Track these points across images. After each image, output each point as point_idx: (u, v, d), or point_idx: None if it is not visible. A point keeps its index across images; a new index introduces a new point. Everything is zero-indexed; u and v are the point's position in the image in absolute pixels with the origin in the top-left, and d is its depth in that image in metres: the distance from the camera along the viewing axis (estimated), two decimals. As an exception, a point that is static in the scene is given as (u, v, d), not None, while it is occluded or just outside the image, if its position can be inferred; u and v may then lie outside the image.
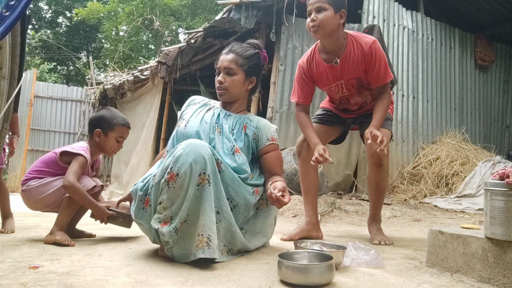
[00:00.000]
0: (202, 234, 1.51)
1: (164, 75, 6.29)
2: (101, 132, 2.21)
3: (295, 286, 1.29)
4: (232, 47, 1.92)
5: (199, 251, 1.49)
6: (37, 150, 9.14)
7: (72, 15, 14.71)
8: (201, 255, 1.49)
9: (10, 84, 1.52)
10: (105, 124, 2.21)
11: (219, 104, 1.97)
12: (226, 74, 1.87)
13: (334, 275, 1.34)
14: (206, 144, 1.60)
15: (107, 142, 2.23)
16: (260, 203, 1.83)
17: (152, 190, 1.61)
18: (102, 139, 2.22)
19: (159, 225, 1.54)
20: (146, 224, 1.65)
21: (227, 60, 1.87)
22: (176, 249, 1.54)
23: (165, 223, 1.54)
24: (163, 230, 1.52)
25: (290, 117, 4.61)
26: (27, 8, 1.25)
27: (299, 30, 4.67)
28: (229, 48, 1.93)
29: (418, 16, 5.66)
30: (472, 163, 4.99)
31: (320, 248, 1.65)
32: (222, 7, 5.44)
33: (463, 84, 6.13)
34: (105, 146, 2.24)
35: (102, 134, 2.21)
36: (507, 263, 1.33)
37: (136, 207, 1.67)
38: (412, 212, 3.88)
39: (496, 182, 1.37)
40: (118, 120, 2.24)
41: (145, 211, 1.64)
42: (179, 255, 1.55)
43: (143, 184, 1.67)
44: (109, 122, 2.22)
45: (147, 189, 1.64)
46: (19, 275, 1.34)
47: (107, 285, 1.24)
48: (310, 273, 1.29)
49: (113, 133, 2.22)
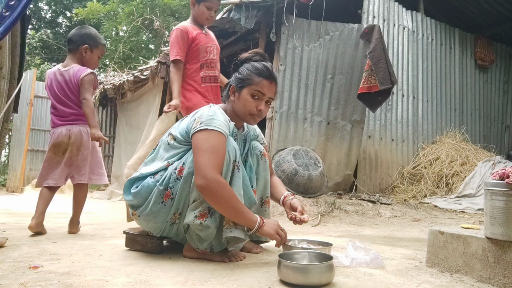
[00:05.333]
0: None
1: (164, 75, 6.29)
2: (88, 48, 2.45)
3: (295, 286, 1.29)
4: (274, 73, 1.77)
5: (226, 230, 1.59)
6: (37, 150, 9.14)
7: (72, 15, 14.70)
8: (228, 234, 1.58)
9: (10, 84, 1.52)
10: (92, 42, 2.47)
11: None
12: (266, 103, 1.75)
13: (334, 275, 1.35)
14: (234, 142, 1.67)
15: (92, 58, 2.50)
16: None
17: (176, 183, 1.61)
18: (88, 55, 2.46)
19: (198, 220, 1.56)
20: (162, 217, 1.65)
21: (273, 91, 1.74)
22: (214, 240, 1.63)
23: (203, 216, 1.57)
24: (208, 222, 1.57)
25: (290, 117, 4.61)
26: (27, 8, 1.25)
27: (299, 30, 4.67)
28: (272, 74, 1.75)
29: (418, 16, 5.66)
30: (472, 163, 4.99)
31: (307, 245, 1.67)
32: (222, 7, 5.44)
33: (463, 84, 6.13)
34: (90, 62, 2.49)
35: (88, 50, 2.46)
36: (507, 263, 1.33)
37: (154, 202, 1.64)
38: (412, 212, 3.88)
39: (496, 182, 1.37)
40: (101, 40, 2.54)
41: (164, 204, 1.63)
42: (217, 244, 1.64)
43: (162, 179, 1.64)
44: (95, 40, 2.49)
45: (168, 183, 1.62)
46: (19, 275, 1.34)
47: (107, 285, 1.24)
48: (310, 273, 1.29)
49: (97, 50, 2.50)
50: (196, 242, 1.64)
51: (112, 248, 1.89)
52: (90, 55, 2.47)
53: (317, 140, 4.62)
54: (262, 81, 1.70)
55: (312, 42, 4.70)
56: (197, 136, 1.57)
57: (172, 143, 1.70)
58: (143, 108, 7.48)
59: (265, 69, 1.72)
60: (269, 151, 4.43)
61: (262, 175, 1.84)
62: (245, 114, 1.73)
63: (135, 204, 1.69)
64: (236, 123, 1.78)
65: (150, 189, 1.65)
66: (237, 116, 1.77)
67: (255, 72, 1.71)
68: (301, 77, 4.67)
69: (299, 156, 4.12)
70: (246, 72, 1.72)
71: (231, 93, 1.76)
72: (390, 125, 5.19)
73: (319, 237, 2.48)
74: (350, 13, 5.51)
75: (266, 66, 1.73)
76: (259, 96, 1.70)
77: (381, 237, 2.65)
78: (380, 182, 5.05)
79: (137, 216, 1.69)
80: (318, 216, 3.46)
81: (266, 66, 1.73)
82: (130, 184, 1.73)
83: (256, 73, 1.70)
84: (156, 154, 1.76)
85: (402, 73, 5.38)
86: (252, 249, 1.86)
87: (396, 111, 5.28)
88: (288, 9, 4.42)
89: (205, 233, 1.59)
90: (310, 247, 1.64)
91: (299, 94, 4.65)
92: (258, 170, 1.83)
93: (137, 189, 1.68)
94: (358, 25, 4.82)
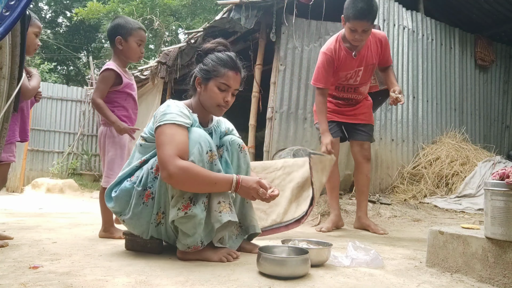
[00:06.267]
0: (224, 201, 1.61)
1: (164, 75, 6.29)
2: (121, 39, 2.31)
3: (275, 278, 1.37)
4: (239, 64, 1.76)
5: (225, 215, 1.58)
6: (37, 150, 9.14)
7: (72, 15, 14.70)
8: (227, 218, 1.58)
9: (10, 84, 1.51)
10: (123, 30, 2.32)
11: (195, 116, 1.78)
12: (233, 95, 1.77)
13: (309, 268, 1.43)
14: (203, 131, 1.66)
15: (129, 47, 2.33)
16: None
17: (154, 182, 1.62)
18: (124, 46, 2.32)
19: (182, 212, 1.55)
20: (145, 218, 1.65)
21: (238, 81, 1.76)
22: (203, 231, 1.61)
23: (187, 207, 1.55)
24: (193, 210, 1.54)
25: (290, 117, 4.61)
26: (27, 8, 1.25)
27: (299, 30, 4.67)
28: (237, 65, 1.75)
29: (418, 16, 5.66)
30: (472, 163, 4.99)
31: (307, 245, 1.69)
32: (222, 7, 5.44)
33: (463, 84, 6.13)
34: (129, 51, 2.34)
35: (123, 41, 2.32)
36: (507, 263, 1.33)
37: (135, 204, 1.65)
38: (412, 212, 3.88)
39: (496, 182, 1.37)
40: (134, 25, 2.35)
41: (146, 205, 1.64)
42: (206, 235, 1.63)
43: (138, 180, 1.65)
44: (126, 28, 2.33)
45: (146, 183, 1.64)
46: (19, 275, 1.34)
47: (107, 285, 1.24)
48: (285, 265, 1.37)
49: (132, 37, 2.33)
50: (183, 241, 1.60)
51: (112, 248, 1.89)
52: (126, 45, 2.33)
53: (317, 140, 4.61)
54: (227, 72, 1.70)
55: (312, 42, 4.70)
56: (156, 134, 1.60)
57: (144, 144, 1.73)
58: (143, 108, 7.48)
59: (230, 60, 1.72)
60: (269, 151, 4.43)
61: (243, 168, 1.82)
62: (212, 106, 1.73)
63: (118, 210, 1.70)
64: (203, 116, 1.78)
65: (128, 192, 1.66)
66: (203, 108, 1.77)
67: (220, 63, 1.70)
68: (301, 77, 4.67)
69: (299, 156, 4.10)
70: (212, 64, 1.71)
71: (197, 85, 1.75)
72: (390, 125, 5.19)
73: (319, 237, 2.48)
74: (350, 13, 5.50)
75: (230, 57, 1.73)
76: (225, 88, 1.71)
77: (381, 237, 2.65)
78: (380, 182, 5.05)
79: (123, 221, 1.71)
80: (318, 216, 3.46)
81: (231, 57, 1.73)
82: (110, 190, 1.74)
83: (221, 64, 1.70)
84: (131, 158, 1.78)
85: (402, 73, 5.38)
86: (253, 249, 1.87)
87: (396, 111, 5.28)
88: (288, 9, 4.42)
89: (192, 223, 1.56)
90: (310, 247, 1.64)
91: (299, 94, 4.65)
92: (239, 164, 1.81)
93: (116, 193, 1.68)
94: (358, 25, 4.82)
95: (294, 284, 1.31)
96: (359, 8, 2.47)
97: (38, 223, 2.87)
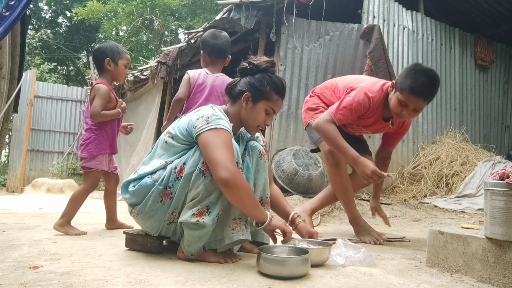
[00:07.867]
0: (240, 218, 1.63)
1: (164, 75, 6.29)
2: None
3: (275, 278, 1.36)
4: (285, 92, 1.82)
5: (237, 233, 1.60)
6: (37, 150, 9.14)
7: (72, 15, 14.70)
8: (239, 237, 1.60)
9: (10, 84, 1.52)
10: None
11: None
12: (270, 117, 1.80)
13: (309, 268, 1.43)
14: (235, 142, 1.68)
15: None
16: None
17: (176, 182, 1.61)
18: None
19: (195, 218, 1.55)
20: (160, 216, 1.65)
21: (280, 106, 1.81)
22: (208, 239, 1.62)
23: (201, 214, 1.56)
24: (205, 220, 1.55)
25: (290, 117, 4.61)
26: (27, 8, 1.25)
27: (299, 30, 4.67)
28: (285, 92, 1.80)
29: (418, 16, 5.66)
30: (472, 163, 4.98)
31: (307, 245, 1.70)
32: (222, 7, 5.43)
33: (463, 84, 6.13)
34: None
35: (112, 63, 2.50)
36: (507, 263, 1.33)
37: (153, 201, 1.64)
38: (412, 212, 3.88)
39: (496, 182, 1.37)
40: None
41: (163, 203, 1.63)
42: (211, 242, 1.63)
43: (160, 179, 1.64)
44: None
45: (167, 182, 1.63)
46: (19, 275, 1.34)
47: (107, 285, 1.24)
48: (285, 265, 1.38)
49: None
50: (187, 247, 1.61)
51: (112, 248, 1.89)
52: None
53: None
54: (278, 100, 1.76)
55: (312, 42, 4.70)
56: (206, 134, 1.56)
57: (170, 142, 1.69)
58: (143, 108, 7.49)
59: (282, 88, 1.77)
60: (269, 151, 4.43)
61: (262, 175, 1.83)
62: (252, 125, 1.76)
63: (134, 202, 1.69)
64: (236, 127, 1.78)
65: (148, 188, 1.65)
66: (241, 122, 1.78)
67: (275, 89, 1.74)
68: (301, 77, 4.67)
69: (299, 156, 4.12)
70: (266, 87, 1.73)
71: (244, 100, 1.74)
72: (390, 125, 5.19)
73: (319, 237, 2.47)
74: (350, 13, 5.51)
75: (282, 84, 1.78)
76: (270, 113, 1.76)
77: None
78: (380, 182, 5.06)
79: (135, 215, 1.70)
80: (318, 216, 3.46)
81: (283, 84, 1.78)
82: (128, 184, 1.74)
83: (275, 90, 1.74)
84: (154, 152, 1.76)
85: (402, 73, 5.38)
86: (253, 249, 1.87)
87: (396, 111, 5.28)
88: (288, 9, 4.42)
89: (200, 232, 1.57)
90: (310, 247, 1.64)
91: (299, 94, 4.65)
92: (258, 170, 1.81)
93: (134, 188, 1.68)
94: (358, 25, 4.82)
95: (294, 284, 1.31)
96: (420, 84, 2.01)
97: (38, 223, 2.87)
